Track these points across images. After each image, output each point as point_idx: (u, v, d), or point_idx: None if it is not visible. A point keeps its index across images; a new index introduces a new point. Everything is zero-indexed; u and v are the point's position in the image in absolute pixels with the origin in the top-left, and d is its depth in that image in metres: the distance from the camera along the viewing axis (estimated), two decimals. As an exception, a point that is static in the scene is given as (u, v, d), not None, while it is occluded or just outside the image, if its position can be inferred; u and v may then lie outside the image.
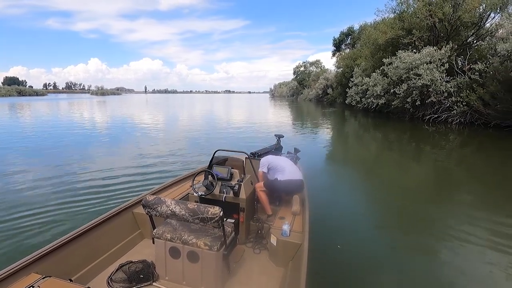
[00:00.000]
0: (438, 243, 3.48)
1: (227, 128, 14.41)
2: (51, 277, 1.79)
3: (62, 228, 3.51)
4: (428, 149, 9.51)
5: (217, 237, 2.08)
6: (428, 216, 4.19)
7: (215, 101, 60.58)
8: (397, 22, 17.53)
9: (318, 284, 2.46)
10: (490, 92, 12.07)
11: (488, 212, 4.39)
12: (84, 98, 63.81)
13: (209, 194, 2.73)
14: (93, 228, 2.37)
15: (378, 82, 17.63)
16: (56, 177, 5.73)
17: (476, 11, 14.43)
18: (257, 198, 3.06)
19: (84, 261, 2.22)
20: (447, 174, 6.74)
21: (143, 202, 2.02)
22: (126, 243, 2.63)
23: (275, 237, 2.37)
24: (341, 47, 43.47)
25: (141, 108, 31.82)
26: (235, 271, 2.31)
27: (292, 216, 2.74)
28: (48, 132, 12.35)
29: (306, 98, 50.18)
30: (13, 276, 1.77)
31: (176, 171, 6.01)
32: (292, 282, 1.97)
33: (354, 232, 3.68)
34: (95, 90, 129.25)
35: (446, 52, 14.09)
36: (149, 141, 10.28)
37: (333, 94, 36.06)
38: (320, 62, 58.90)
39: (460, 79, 14.04)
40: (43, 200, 4.48)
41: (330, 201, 4.70)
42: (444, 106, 14.48)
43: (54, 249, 2.04)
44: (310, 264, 1.88)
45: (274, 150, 4.36)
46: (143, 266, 2.16)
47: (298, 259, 2.10)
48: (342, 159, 8.61)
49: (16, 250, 3.09)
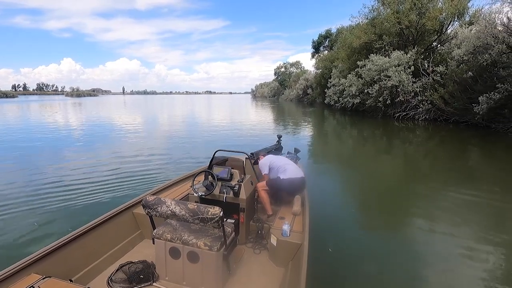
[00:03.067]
0: (438, 239, 3.55)
1: (217, 128, 14.64)
2: (51, 278, 1.81)
3: (62, 229, 3.50)
4: (398, 144, 10.39)
5: (217, 238, 2.10)
6: (426, 212, 4.36)
7: (197, 102, 60.04)
8: (369, 28, 18.93)
9: (318, 284, 2.49)
10: (449, 92, 13.64)
11: (453, 191, 5.16)
12: (59, 100, 61.41)
13: (209, 194, 2.74)
14: (93, 228, 2.38)
15: (354, 83, 19.03)
16: (56, 177, 5.77)
17: (438, 19, 16.10)
18: (258, 198, 3.06)
19: (84, 262, 2.24)
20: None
21: (143, 203, 2.03)
22: (126, 243, 2.64)
23: (275, 237, 2.38)
24: (320, 49, 45.03)
25: (126, 110, 31.32)
26: (235, 271, 2.32)
27: (292, 216, 2.74)
28: (41, 134, 12.34)
29: (287, 98, 51.33)
30: (14, 277, 1.78)
31: (176, 172, 6.03)
32: (292, 282, 1.98)
33: (355, 231, 3.73)
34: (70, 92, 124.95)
35: (412, 56, 15.69)
36: (146, 143, 10.31)
37: (313, 94, 37.44)
38: (300, 63, 60.82)
39: (425, 80, 15.60)
40: (43, 201, 4.50)
41: (330, 200, 4.76)
42: (411, 104, 16.01)
43: (54, 250, 2.05)
44: (310, 264, 1.90)
45: (274, 150, 4.41)
46: (143, 267, 2.17)
47: (298, 259, 2.11)
48: (325, 157, 8.92)
49: (16, 251, 3.11)
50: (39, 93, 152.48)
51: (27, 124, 16.14)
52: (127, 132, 12.84)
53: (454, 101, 13.40)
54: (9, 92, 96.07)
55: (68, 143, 10.05)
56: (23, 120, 18.88)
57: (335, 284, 2.66)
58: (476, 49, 12.03)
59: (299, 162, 4.08)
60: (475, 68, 12.30)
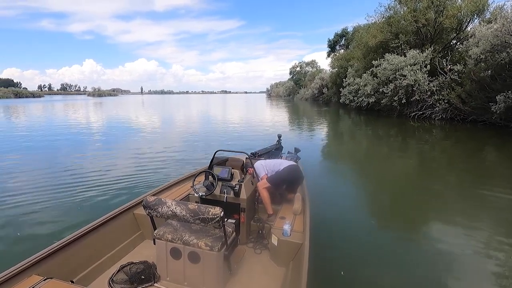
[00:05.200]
0: (439, 237, 3.53)
1: (226, 128, 14.66)
2: (52, 279, 1.80)
3: (63, 230, 3.51)
4: (413, 143, 10.22)
5: (218, 238, 2.10)
6: (428, 210, 4.34)
7: (213, 101, 60.84)
8: (385, 27, 18.81)
9: (319, 283, 2.49)
10: (467, 91, 13.47)
11: (469, 192, 5.12)
12: (81, 100, 63.84)
13: (210, 194, 2.74)
14: (94, 229, 2.38)
15: (369, 82, 19.01)
16: (56, 177, 5.77)
17: (456, 17, 15.84)
18: (258, 198, 3.06)
19: (85, 263, 2.23)
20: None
21: (144, 203, 2.03)
22: (127, 244, 2.64)
23: (276, 237, 2.38)
24: (335, 48, 44.73)
25: (139, 109, 31.92)
26: (236, 272, 2.32)
27: (293, 215, 2.75)
28: (55, 133, 12.51)
29: (302, 98, 51.21)
30: (15, 278, 1.78)
31: (176, 172, 6.02)
32: (293, 282, 1.99)
33: (355, 231, 3.70)
34: (92, 92, 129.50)
35: (428, 55, 15.54)
36: (149, 141, 10.42)
37: (328, 93, 37.32)
38: (315, 62, 60.48)
39: (442, 79, 15.44)
40: (43, 201, 4.49)
41: (331, 200, 4.71)
42: (427, 103, 15.88)
43: (55, 251, 2.05)
44: (311, 264, 1.90)
45: (275, 150, 4.39)
46: (144, 267, 2.18)
47: (299, 259, 2.11)
48: (339, 157, 8.88)
49: (16, 252, 3.11)
50: (63, 93, 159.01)
51: (38, 124, 16.87)
52: (137, 132, 13.02)
53: (472, 100, 13.24)
54: (36, 92, 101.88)
55: (70, 143, 10.04)
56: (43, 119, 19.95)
57: (336, 284, 2.66)
58: (494, 48, 11.86)
59: (300, 162, 4.08)
60: (493, 67, 12.11)
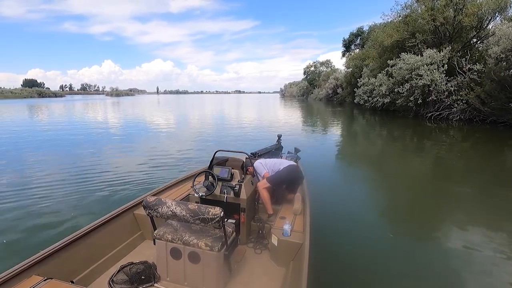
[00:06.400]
0: (441, 237, 3.50)
1: (239, 127, 14.61)
2: (52, 279, 1.80)
3: (63, 230, 3.51)
4: (430, 144, 10.00)
5: (218, 238, 2.09)
6: (431, 210, 4.27)
7: (226, 101, 61.36)
8: (402, 25, 18.44)
9: (319, 283, 2.48)
10: (486, 91, 13.07)
11: (486, 197, 4.82)
12: (100, 100, 65.77)
13: (210, 194, 2.74)
14: (94, 229, 2.38)
15: (384, 82, 18.71)
16: (56, 177, 5.74)
17: (477, 14, 15.35)
18: (258, 198, 3.06)
19: (85, 263, 2.23)
20: (452, 166, 7.22)
21: (144, 203, 2.03)
22: (127, 244, 2.63)
23: (276, 237, 2.38)
24: (351, 47, 44.17)
25: (153, 109, 32.30)
26: (236, 272, 2.32)
27: (293, 215, 2.75)
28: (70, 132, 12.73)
29: (316, 98, 50.87)
30: (15, 279, 1.78)
31: (177, 172, 6.01)
32: (294, 282, 1.98)
33: (355, 231, 3.68)
34: (110, 92, 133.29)
35: (446, 54, 15.13)
36: (154, 141, 10.44)
37: (343, 93, 36.93)
38: (330, 62, 59.73)
39: (460, 79, 15.01)
40: (43, 201, 4.48)
41: (332, 200, 4.68)
42: (445, 104, 15.48)
43: (56, 251, 2.05)
44: (311, 264, 1.90)
45: (275, 150, 4.37)
46: (144, 267, 2.18)
47: (299, 259, 2.11)
48: (347, 157, 8.83)
49: (17, 252, 3.11)
50: (83, 93, 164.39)
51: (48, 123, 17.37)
52: (144, 132, 13.13)
53: (492, 100, 12.83)
54: (57, 92, 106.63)
55: (76, 142, 10.10)
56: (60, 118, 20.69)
57: (337, 284, 2.65)
58: (516, 46, 11.47)
59: (300, 162, 4.06)
60: (515, 66, 11.71)
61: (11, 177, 5.89)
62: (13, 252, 3.13)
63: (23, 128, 14.07)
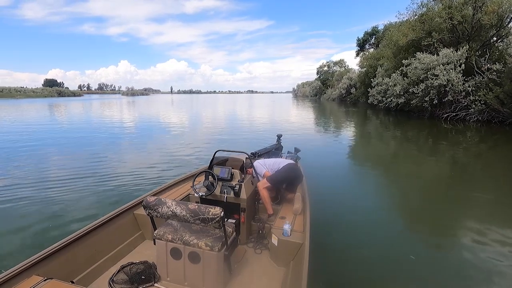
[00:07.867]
0: (448, 244, 3.41)
1: (250, 128, 14.45)
2: (52, 279, 1.80)
3: (63, 230, 3.51)
4: (445, 146, 9.74)
5: (218, 238, 2.10)
6: (439, 214, 4.17)
7: (238, 100, 61.59)
8: (418, 24, 18.07)
9: (319, 284, 2.48)
10: (506, 91, 12.66)
11: (504, 204, 4.57)
12: (116, 99, 67.27)
13: (210, 194, 2.74)
14: (94, 229, 2.38)
15: (398, 82, 18.39)
16: (56, 177, 5.73)
17: (497, 12, 14.87)
18: (258, 198, 3.06)
19: (86, 263, 2.23)
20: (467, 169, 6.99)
21: (144, 203, 2.03)
22: (127, 244, 2.64)
23: (276, 237, 2.38)
24: (365, 47, 43.56)
25: (166, 108, 32.69)
26: (236, 272, 2.32)
27: (293, 215, 2.75)
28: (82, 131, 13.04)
29: (329, 98, 50.40)
30: (15, 279, 1.78)
31: (177, 172, 5.98)
32: (294, 282, 1.98)
33: (356, 231, 3.67)
34: (126, 91, 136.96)
35: (463, 53, 14.74)
36: (156, 141, 10.46)
37: (356, 93, 36.50)
38: (344, 61, 58.93)
39: (478, 79, 14.59)
40: (43, 201, 4.47)
41: (331, 200, 4.62)
42: (462, 104, 15.09)
43: (56, 251, 2.05)
44: (311, 264, 1.90)
45: (275, 150, 4.37)
46: (145, 267, 2.18)
47: (300, 259, 2.11)
48: (356, 157, 8.71)
49: (17, 252, 3.10)
50: (100, 92, 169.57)
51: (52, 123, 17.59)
52: (152, 131, 13.12)
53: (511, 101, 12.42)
54: (76, 92, 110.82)
55: (84, 141, 10.18)
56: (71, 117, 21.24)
57: (337, 284, 2.64)
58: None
59: (300, 162, 4.04)
60: (537, 66, 11.30)
61: (11, 177, 5.86)
62: (13, 252, 3.12)
63: (23, 128, 13.83)
